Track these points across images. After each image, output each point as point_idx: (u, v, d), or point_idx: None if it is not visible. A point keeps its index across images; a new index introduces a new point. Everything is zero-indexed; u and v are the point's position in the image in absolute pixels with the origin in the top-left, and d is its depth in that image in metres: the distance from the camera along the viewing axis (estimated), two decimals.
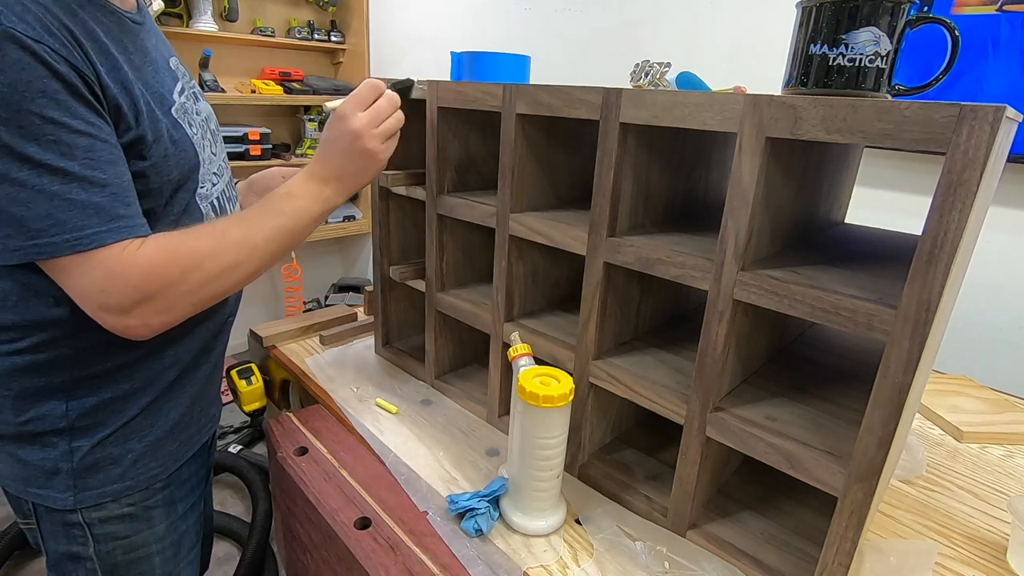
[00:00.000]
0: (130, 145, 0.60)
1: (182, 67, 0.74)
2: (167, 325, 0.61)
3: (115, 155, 0.57)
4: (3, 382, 0.65)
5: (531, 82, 0.87)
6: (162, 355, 0.71)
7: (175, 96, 0.68)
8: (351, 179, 0.72)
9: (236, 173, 0.91)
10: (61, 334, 0.64)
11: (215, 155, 0.75)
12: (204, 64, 2.30)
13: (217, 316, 0.78)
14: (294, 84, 2.57)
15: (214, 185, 0.74)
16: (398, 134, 0.75)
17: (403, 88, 0.79)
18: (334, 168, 0.70)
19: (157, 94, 0.65)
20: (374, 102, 0.71)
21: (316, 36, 2.64)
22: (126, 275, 0.56)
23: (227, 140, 2.32)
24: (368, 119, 0.69)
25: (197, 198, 0.70)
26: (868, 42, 0.57)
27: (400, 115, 0.73)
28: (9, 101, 0.50)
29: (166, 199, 0.66)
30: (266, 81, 2.52)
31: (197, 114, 0.73)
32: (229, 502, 1.88)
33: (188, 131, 0.68)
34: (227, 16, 2.35)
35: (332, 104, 0.70)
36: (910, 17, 0.58)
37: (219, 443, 2.08)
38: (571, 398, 0.67)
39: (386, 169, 0.96)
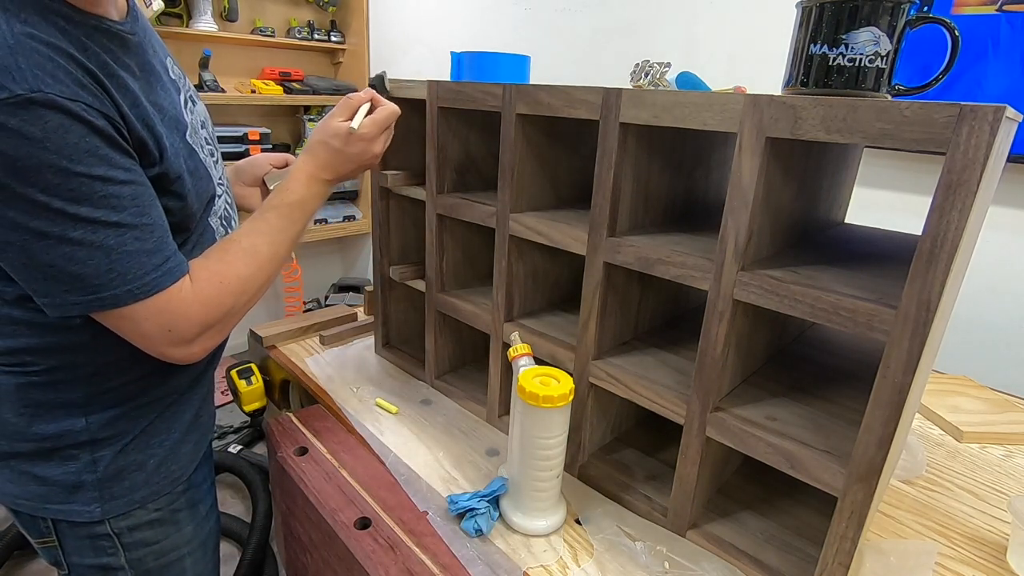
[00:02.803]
0: (155, 180, 0.60)
1: (177, 68, 0.73)
2: (219, 343, 0.66)
3: (152, 195, 0.59)
4: (20, 399, 0.64)
5: (531, 82, 0.87)
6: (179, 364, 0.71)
7: (185, 114, 0.68)
8: (347, 179, 0.78)
9: None
10: (79, 355, 0.64)
11: (217, 163, 0.76)
12: (204, 64, 2.30)
13: None
14: (294, 84, 2.56)
15: (219, 196, 0.75)
16: None
17: (379, 83, 0.86)
18: (342, 173, 0.76)
19: (172, 118, 0.65)
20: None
21: (316, 36, 2.64)
22: (188, 313, 0.59)
23: (227, 140, 2.32)
24: (385, 141, 0.78)
25: (210, 215, 0.72)
26: (868, 42, 0.57)
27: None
28: (58, 167, 0.50)
29: (192, 230, 0.67)
30: (266, 81, 2.52)
31: (202, 127, 0.73)
32: (229, 502, 1.88)
33: (200, 155, 0.69)
34: (227, 16, 2.35)
35: (356, 124, 0.74)
36: (910, 17, 0.58)
37: (219, 443, 2.08)
38: (571, 398, 0.68)
39: (386, 169, 0.96)
